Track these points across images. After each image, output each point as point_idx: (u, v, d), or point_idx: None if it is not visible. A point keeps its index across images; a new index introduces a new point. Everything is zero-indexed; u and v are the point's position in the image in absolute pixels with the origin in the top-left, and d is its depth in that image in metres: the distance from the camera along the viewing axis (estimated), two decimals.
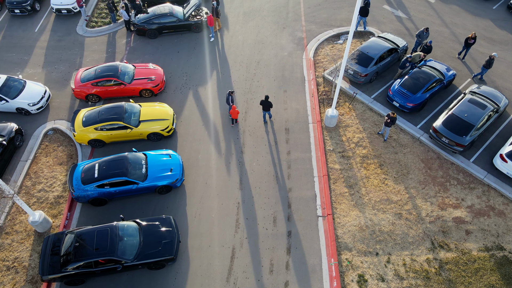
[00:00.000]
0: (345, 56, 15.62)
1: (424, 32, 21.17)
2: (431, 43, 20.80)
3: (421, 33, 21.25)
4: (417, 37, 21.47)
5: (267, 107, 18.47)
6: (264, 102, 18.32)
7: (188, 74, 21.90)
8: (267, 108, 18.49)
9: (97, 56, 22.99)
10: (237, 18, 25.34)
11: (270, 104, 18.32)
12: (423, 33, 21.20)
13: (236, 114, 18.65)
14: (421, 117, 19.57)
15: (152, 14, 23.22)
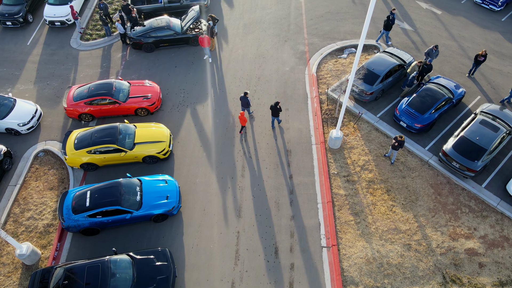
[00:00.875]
0: (352, 73, 14.72)
1: (433, 50, 20.26)
2: (431, 61, 19.82)
3: (430, 51, 20.35)
4: (426, 55, 20.58)
5: (276, 113, 18.08)
6: (273, 108, 17.93)
7: (185, 91, 21.01)
8: (276, 114, 18.10)
9: (91, 71, 22.10)
10: (237, 30, 24.46)
11: (280, 109, 18.03)
12: (432, 51, 20.29)
13: (244, 121, 18.06)
14: (429, 138, 18.69)
15: (148, 27, 22.33)
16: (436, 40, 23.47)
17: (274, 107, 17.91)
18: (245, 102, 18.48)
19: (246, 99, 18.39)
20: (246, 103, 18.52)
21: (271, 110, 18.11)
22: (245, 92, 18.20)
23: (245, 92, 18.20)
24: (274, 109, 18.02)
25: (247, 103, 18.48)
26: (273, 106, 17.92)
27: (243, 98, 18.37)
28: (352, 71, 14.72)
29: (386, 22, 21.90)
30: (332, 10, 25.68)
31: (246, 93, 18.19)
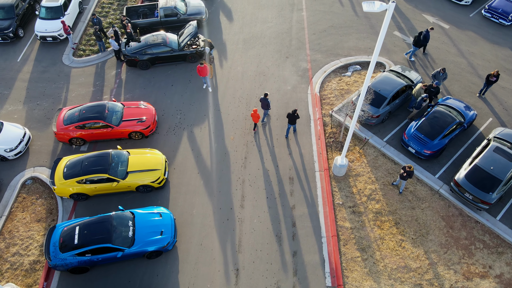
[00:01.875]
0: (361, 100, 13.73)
1: (440, 72, 19.24)
2: (439, 84, 18.82)
3: (437, 73, 19.34)
4: (433, 78, 19.58)
5: (293, 121, 17.79)
6: (290, 115, 17.61)
7: (182, 112, 20.01)
8: (293, 121, 17.83)
9: (84, 90, 21.10)
10: (236, 45, 23.46)
11: (297, 117, 17.71)
12: (439, 73, 19.28)
13: (257, 119, 18.03)
14: (439, 164, 17.69)
15: (144, 44, 21.33)
16: (444, 56, 22.48)
17: (292, 115, 17.53)
18: (265, 103, 18.26)
19: (266, 101, 18.14)
20: (266, 105, 18.31)
21: (288, 118, 17.76)
22: (265, 93, 17.91)
23: (265, 94, 17.93)
24: (291, 117, 17.63)
25: (267, 104, 18.28)
26: (290, 114, 17.55)
27: (263, 100, 18.15)
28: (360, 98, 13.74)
29: (416, 37, 21.00)
30: (335, 24, 24.70)
31: (267, 94, 17.95)
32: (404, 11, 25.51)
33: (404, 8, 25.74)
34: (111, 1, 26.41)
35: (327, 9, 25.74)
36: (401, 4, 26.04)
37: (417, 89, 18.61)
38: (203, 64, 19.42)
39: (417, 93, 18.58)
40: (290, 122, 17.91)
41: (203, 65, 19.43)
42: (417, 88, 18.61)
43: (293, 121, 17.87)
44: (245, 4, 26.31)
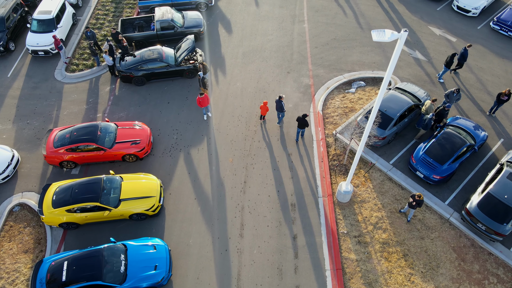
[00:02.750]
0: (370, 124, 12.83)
1: (454, 93, 18.35)
2: (449, 107, 17.92)
3: (450, 93, 18.45)
4: (445, 97, 18.69)
5: (303, 125, 17.51)
6: (300, 119, 17.38)
7: (179, 132, 19.12)
8: (303, 126, 17.55)
9: (76, 107, 20.21)
10: (236, 60, 22.57)
11: (307, 123, 17.43)
12: (452, 94, 18.38)
13: (265, 111, 18.40)
14: (449, 189, 16.81)
15: (139, 59, 20.43)
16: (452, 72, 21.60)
17: (302, 119, 17.31)
18: (279, 106, 18.09)
19: (280, 103, 18.00)
20: (280, 107, 18.13)
21: (298, 121, 17.54)
22: (279, 96, 17.70)
23: (279, 96, 17.72)
24: (301, 121, 17.39)
25: (281, 107, 18.10)
26: (300, 118, 17.33)
27: (277, 102, 18.04)
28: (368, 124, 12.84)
29: (449, 58, 19.80)
30: (338, 36, 23.81)
31: (281, 97, 17.71)
32: (409, 23, 24.63)
33: (409, 19, 24.87)
34: (106, 12, 25.53)
35: (329, 21, 24.87)
36: (406, 15, 25.17)
37: (427, 106, 17.73)
38: (203, 94, 18.06)
39: (428, 109, 17.70)
40: (299, 126, 17.64)
41: (203, 95, 18.06)
42: (427, 105, 17.74)
43: (302, 126, 17.56)
44: (245, 16, 25.44)
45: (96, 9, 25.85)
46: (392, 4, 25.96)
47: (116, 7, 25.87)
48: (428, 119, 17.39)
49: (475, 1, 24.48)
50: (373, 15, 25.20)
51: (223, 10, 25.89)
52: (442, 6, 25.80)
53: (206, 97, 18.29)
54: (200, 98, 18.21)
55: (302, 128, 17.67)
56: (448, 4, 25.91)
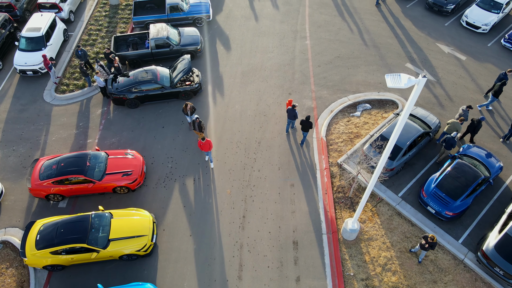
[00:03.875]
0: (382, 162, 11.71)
1: (467, 110, 17.44)
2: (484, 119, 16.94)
3: (464, 112, 17.47)
4: (459, 116, 17.69)
5: (307, 128, 17.36)
6: (304, 122, 17.22)
7: (174, 160, 18.01)
8: (306, 129, 17.39)
9: (66, 132, 19.09)
10: (234, 79, 21.46)
11: (311, 125, 17.23)
12: (467, 111, 17.44)
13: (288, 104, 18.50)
14: (462, 226, 15.70)
15: (132, 81, 19.32)
16: (462, 93, 20.51)
17: (306, 122, 17.15)
18: (292, 114, 17.80)
19: (294, 111, 17.71)
20: (293, 116, 17.84)
21: (302, 125, 17.41)
22: (293, 104, 17.56)
23: (293, 105, 17.59)
24: (305, 124, 17.22)
25: (294, 115, 17.82)
26: (304, 120, 17.19)
27: (290, 110, 17.68)
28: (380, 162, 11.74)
29: (498, 87, 18.35)
30: (342, 54, 22.71)
31: (295, 106, 17.60)
32: (416, 39, 23.54)
33: (416, 36, 23.78)
34: (99, 28, 24.43)
35: (332, 37, 23.77)
36: (412, 31, 24.08)
37: (452, 124, 16.77)
38: (204, 139, 16.13)
39: (452, 128, 16.73)
40: (303, 129, 17.45)
41: (204, 140, 16.16)
42: (450, 122, 16.77)
43: (306, 128, 17.35)
44: (244, 31, 24.35)
45: (89, 24, 24.75)
46: (398, 20, 24.87)
47: (109, 22, 24.77)
48: (451, 137, 16.40)
49: (485, 17, 23.41)
50: (378, 31, 24.11)
51: (221, 25, 24.80)
52: (450, 21, 24.73)
53: (208, 142, 16.43)
54: (201, 143, 16.40)
55: (306, 131, 17.48)
56: (456, 20, 24.83)
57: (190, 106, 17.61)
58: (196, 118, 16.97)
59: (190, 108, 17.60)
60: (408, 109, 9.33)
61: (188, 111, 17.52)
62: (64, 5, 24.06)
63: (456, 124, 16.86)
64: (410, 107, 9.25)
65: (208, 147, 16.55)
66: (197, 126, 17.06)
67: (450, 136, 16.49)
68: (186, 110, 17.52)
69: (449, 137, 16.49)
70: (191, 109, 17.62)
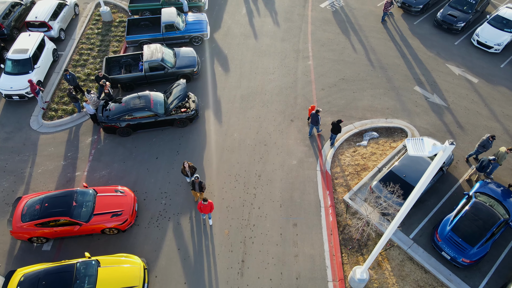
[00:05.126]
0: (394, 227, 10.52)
1: (489, 140, 16.24)
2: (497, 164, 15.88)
3: (486, 142, 16.28)
4: (480, 148, 16.50)
5: (336, 131, 17.41)
6: (335, 125, 17.17)
7: (168, 195, 16.79)
8: (335, 132, 17.44)
9: (53, 164, 17.87)
10: (233, 104, 20.24)
11: (340, 129, 17.31)
12: (488, 142, 16.26)
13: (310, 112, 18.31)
14: (480, 273, 14.47)
15: (123, 109, 18.09)
16: (474, 119, 19.30)
17: (337, 125, 17.13)
18: (316, 119, 17.66)
19: (317, 117, 17.59)
20: (316, 121, 17.68)
21: (332, 126, 17.32)
22: (317, 109, 17.43)
23: (317, 110, 17.45)
24: (335, 126, 17.20)
25: (317, 121, 17.68)
26: (335, 123, 17.13)
27: (314, 115, 17.56)
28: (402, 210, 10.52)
29: None
30: (346, 76, 21.50)
31: (318, 111, 17.45)
32: (424, 60, 22.34)
33: (424, 56, 22.58)
34: (91, 47, 23.21)
35: (337, 57, 22.56)
36: (420, 51, 22.87)
37: (498, 154, 15.81)
38: (206, 201, 14.28)
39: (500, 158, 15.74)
40: (333, 131, 17.40)
41: (206, 202, 14.36)
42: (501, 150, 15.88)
43: (335, 131, 17.36)
44: (243, 50, 23.14)
45: (80, 43, 23.53)
46: (405, 38, 23.67)
47: (102, 40, 23.56)
48: (488, 160, 15.49)
49: (497, 36, 22.21)
50: (385, 50, 22.90)
51: (219, 43, 23.59)
52: (460, 40, 23.53)
53: (210, 204, 14.69)
54: (202, 205, 14.60)
55: (335, 133, 17.46)
56: (466, 38, 23.63)
57: (189, 166, 15.73)
58: (196, 178, 15.12)
59: (190, 169, 15.80)
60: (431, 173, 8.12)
61: (188, 172, 15.81)
62: (54, 23, 22.85)
63: (504, 154, 15.82)
64: (433, 172, 8.04)
65: (209, 209, 14.84)
66: (197, 187, 15.35)
67: (488, 159, 15.54)
68: (185, 171, 15.72)
69: (486, 159, 15.55)
70: (191, 170, 15.79)
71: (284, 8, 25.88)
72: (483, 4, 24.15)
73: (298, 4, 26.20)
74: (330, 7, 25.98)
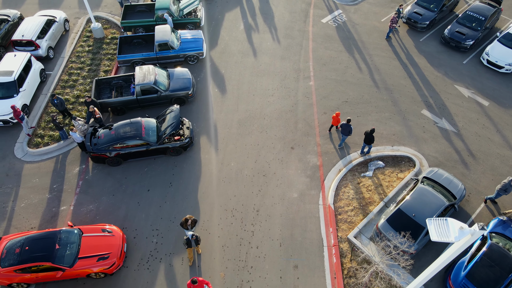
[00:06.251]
0: None
1: (511, 184, 15.09)
2: None
3: (508, 186, 15.12)
4: (502, 192, 15.33)
5: (369, 141, 16.84)
6: (368, 134, 16.70)
7: (160, 233, 15.66)
8: (369, 141, 16.87)
9: (37, 197, 16.75)
10: (230, 130, 19.12)
11: (373, 138, 16.80)
12: (510, 185, 15.07)
13: (337, 122, 18.00)
14: None
15: (113, 138, 16.96)
16: (486, 147, 18.18)
17: (370, 134, 16.66)
18: (348, 130, 17.21)
19: (349, 127, 17.15)
20: (348, 131, 17.22)
21: (365, 135, 16.87)
22: (348, 119, 17.00)
23: (348, 119, 16.99)
24: (368, 136, 16.72)
25: (349, 131, 17.21)
26: (368, 133, 16.69)
27: (346, 126, 17.12)
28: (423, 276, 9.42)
29: None
30: (350, 98, 20.38)
31: (349, 120, 17.03)
32: (431, 80, 21.22)
33: (432, 76, 21.46)
34: (81, 66, 22.08)
35: (339, 77, 21.44)
36: (427, 70, 21.76)
37: None
38: (196, 282, 12.15)
39: None
40: (366, 141, 16.90)
41: (196, 283, 12.18)
42: None
43: (368, 141, 16.85)
44: (241, 69, 22.02)
45: (70, 61, 22.40)
46: (411, 56, 22.55)
47: (92, 59, 22.42)
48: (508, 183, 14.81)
49: (508, 55, 21.09)
50: (390, 70, 21.78)
51: (216, 62, 22.46)
52: (468, 58, 22.41)
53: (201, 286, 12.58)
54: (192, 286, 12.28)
55: (368, 143, 16.94)
56: (475, 56, 22.51)
57: (191, 221, 14.18)
58: (192, 235, 13.85)
59: (192, 223, 14.24)
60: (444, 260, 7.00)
61: (189, 226, 14.33)
62: (42, 41, 21.72)
63: None
64: (446, 260, 6.93)
65: None
66: (193, 243, 14.00)
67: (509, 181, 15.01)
68: (186, 226, 14.29)
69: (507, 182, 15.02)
70: (192, 224, 14.32)
71: (284, 24, 24.77)
72: (492, 20, 23.04)
73: (298, 19, 25.09)
74: (332, 22, 24.87)
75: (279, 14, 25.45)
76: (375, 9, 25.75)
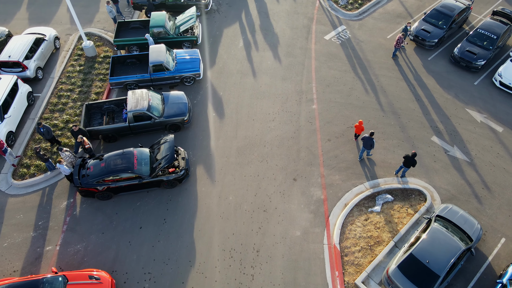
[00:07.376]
0: None
1: None
2: None
3: None
4: None
5: (409, 165, 15.99)
6: (409, 158, 15.74)
7: (153, 277, 14.50)
8: (408, 165, 16.04)
9: (21, 236, 15.59)
10: (228, 159, 17.97)
11: (414, 163, 15.82)
12: None
13: (360, 130, 17.51)
14: None
15: (103, 171, 15.81)
16: (502, 179, 17.05)
17: (411, 158, 15.74)
18: (370, 143, 16.54)
19: (371, 140, 16.47)
20: (370, 145, 16.57)
21: (405, 159, 15.89)
22: (371, 132, 16.27)
23: (371, 132, 16.30)
24: (410, 160, 15.77)
25: (371, 144, 16.56)
26: (409, 156, 15.76)
27: (368, 139, 16.48)
28: None
29: None
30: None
31: (372, 133, 16.31)
32: (441, 103, 20.09)
33: (442, 99, 20.33)
34: (71, 87, 20.93)
35: (344, 100, 20.31)
36: (437, 92, 20.62)
37: None
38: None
39: None
40: (405, 164, 16.00)
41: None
42: None
43: (408, 165, 15.99)
44: (240, 91, 20.87)
45: (60, 83, 21.24)
46: (419, 76, 21.41)
47: (84, 80, 21.28)
48: None
49: None
50: (397, 91, 20.65)
51: (213, 83, 21.32)
52: (480, 79, 21.28)
53: None
54: None
55: (407, 167, 16.16)
56: (487, 77, 21.38)
57: None
58: None
59: None
60: None
61: None
62: (30, 62, 20.58)
63: None
64: None
65: None
66: None
67: None
68: None
69: None
70: None
71: (285, 41, 23.63)
72: (504, 38, 21.92)
73: (300, 35, 23.95)
74: (335, 39, 23.73)
75: (280, 30, 24.31)
76: (381, 24, 24.61)
